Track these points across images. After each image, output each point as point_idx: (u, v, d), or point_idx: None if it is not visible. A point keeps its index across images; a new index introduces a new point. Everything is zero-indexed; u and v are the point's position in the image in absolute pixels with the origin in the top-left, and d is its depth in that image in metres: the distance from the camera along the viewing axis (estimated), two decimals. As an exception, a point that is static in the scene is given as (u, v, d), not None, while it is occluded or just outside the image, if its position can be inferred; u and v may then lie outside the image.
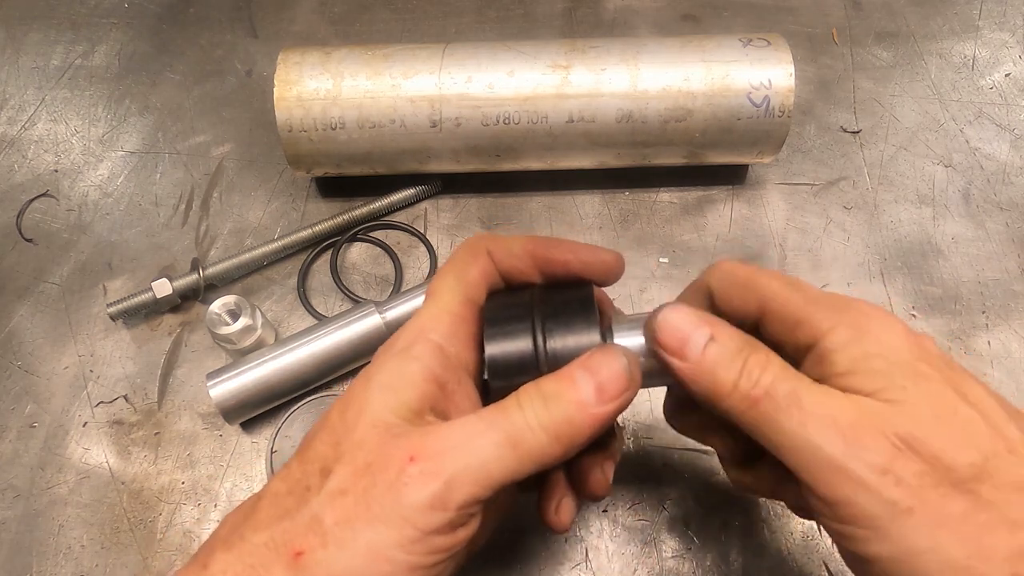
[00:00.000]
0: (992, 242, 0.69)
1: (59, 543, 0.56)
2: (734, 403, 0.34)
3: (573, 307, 0.39)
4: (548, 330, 0.38)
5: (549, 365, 0.37)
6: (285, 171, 0.74)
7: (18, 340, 0.65)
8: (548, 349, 0.37)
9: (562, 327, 0.38)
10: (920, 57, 0.82)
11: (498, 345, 0.38)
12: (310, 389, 0.60)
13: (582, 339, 0.37)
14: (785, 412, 0.33)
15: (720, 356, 0.35)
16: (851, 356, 0.33)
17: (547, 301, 0.40)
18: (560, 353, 0.37)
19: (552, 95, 0.63)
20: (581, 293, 0.40)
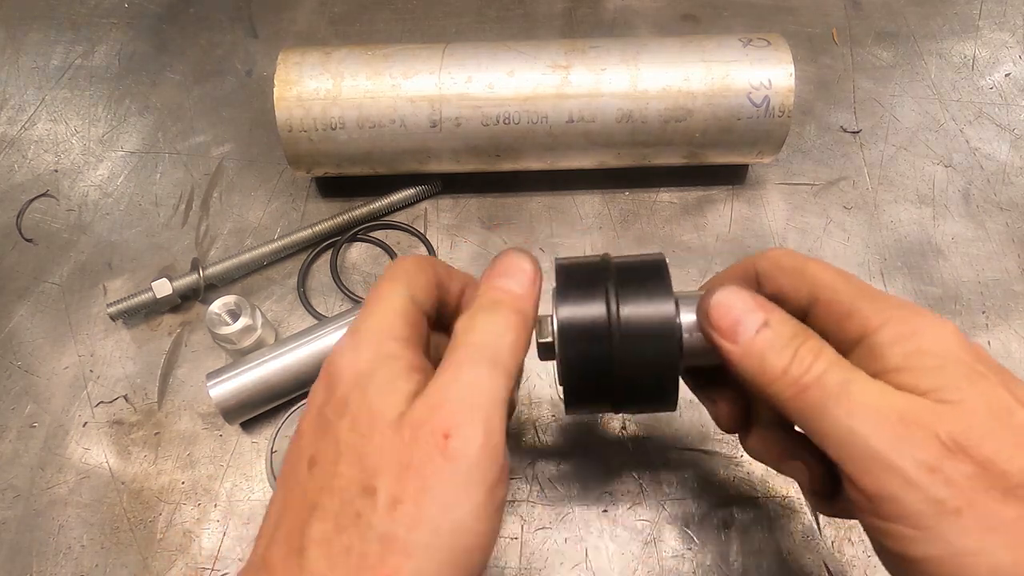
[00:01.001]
0: (992, 242, 0.69)
1: (59, 543, 0.56)
2: (781, 388, 0.34)
3: (647, 274, 0.39)
4: (622, 296, 0.38)
5: (622, 332, 0.37)
6: (285, 171, 0.74)
7: (18, 340, 0.65)
8: (621, 316, 0.37)
9: (635, 294, 0.38)
10: (920, 57, 0.82)
11: (569, 309, 0.38)
12: (310, 389, 0.60)
13: (658, 307, 0.38)
14: (834, 400, 0.32)
15: (772, 341, 0.34)
16: (904, 352, 0.33)
17: (620, 269, 0.40)
18: (632, 320, 0.37)
19: (552, 95, 0.63)
20: (655, 260, 0.40)
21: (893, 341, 0.33)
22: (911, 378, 0.32)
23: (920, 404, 0.31)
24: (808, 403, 0.33)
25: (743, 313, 0.35)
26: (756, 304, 0.36)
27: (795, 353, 0.34)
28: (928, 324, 0.33)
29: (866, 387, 0.32)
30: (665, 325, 0.38)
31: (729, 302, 0.36)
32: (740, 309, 0.36)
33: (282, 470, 0.36)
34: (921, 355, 0.32)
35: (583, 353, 0.38)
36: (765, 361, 0.34)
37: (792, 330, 0.35)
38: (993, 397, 0.31)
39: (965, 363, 0.32)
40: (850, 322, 0.35)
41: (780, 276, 0.39)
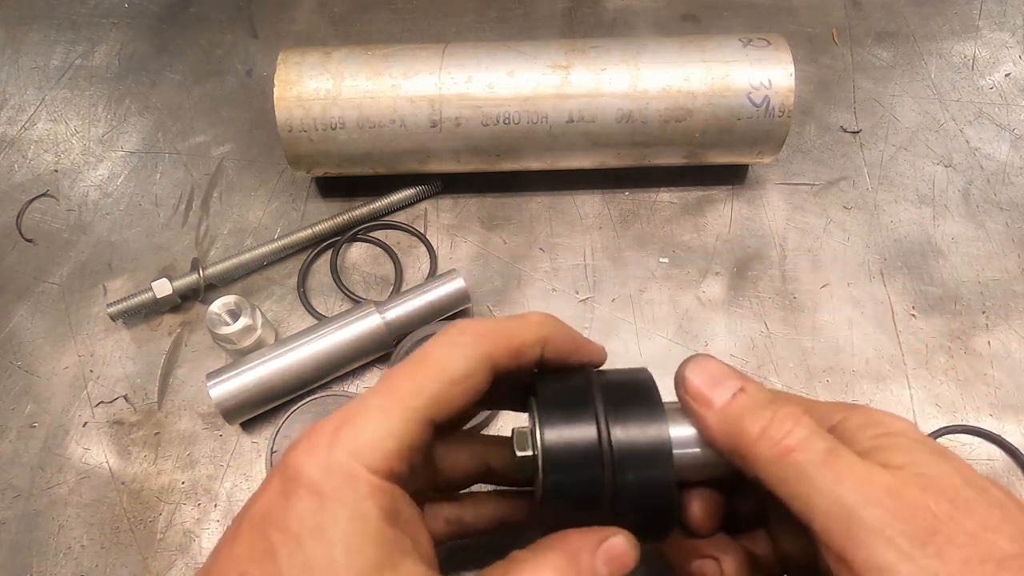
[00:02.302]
0: (992, 242, 0.69)
1: (59, 543, 0.56)
2: (763, 450, 0.33)
3: (637, 395, 0.36)
4: (611, 418, 0.35)
5: (615, 459, 0.34)
6: (285, 171, 0.74)
7: (18, 340, 0.65)
8: (613, 439, 0.34)
9: (625, 416, 0.35)
10: (920, 57, 0.82)
11: (556, 431, 0.34)
12: (310, 389, 0.60)
13: (650, 431, 0.35)
14: (820, 467, 0.32)
15: (750, 404, 0.34)
16: (873, 434, 0.33)
17: (607, 387, 0.36)
18: (625, 444, 0.34)
19: (552, 95, 0.63)
20: (642, 377, 0.37)
21: (860, 427, 0.34)
22: (885, 456, 0.32)
23: (906, 478, 0.31)
24: (791, 468, 0.32)
25: (719, 379, 0.35)
26: (732, 372, 0.36)
27: (773, 416, 0.33)
28: (886, 415, 0.34)
29: (852, 458, 0.32)
30: (662, 451, 0.35)
31: (706, 369, 0.36)
32: (716, 375, 0.36)
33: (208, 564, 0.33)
34: (890, 435, 0.33)
35: (571, 480, 0.34)
36: (743, 423, 0.34)
37: (767, 395, 0.35)
38: (966, 472, 0.32)
39: (929, 443, 0.33)
40: (815, 418, 0.35)
41: None
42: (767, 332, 0.64)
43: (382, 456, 0.32)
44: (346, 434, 0.32)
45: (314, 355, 0.59)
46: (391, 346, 0.61)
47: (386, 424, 0.32)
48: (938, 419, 0.60)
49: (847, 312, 0.65)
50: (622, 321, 0.65)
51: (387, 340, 0.61)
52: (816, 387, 0.61)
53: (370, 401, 0.33)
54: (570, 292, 0.67)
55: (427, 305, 0.62)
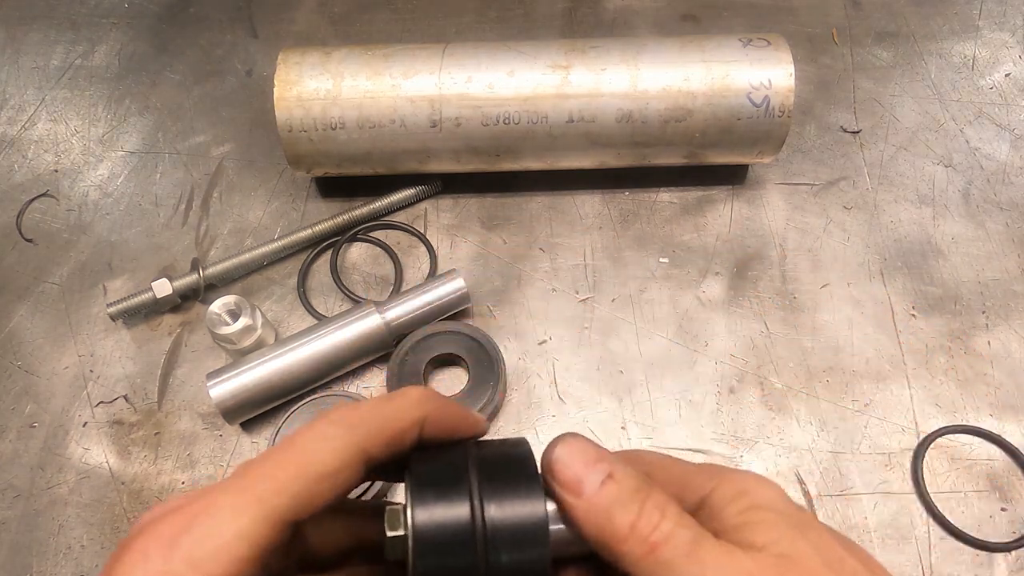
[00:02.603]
0: (992, 242, 0.69)
1: (59, 543, 0.56)
2: (631, 547, 0.32)
3: (514, 469, 0.35)
4: (486, 495, 0.33)
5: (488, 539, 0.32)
6: (285, 171, 0.74)
7: (18, 340, 0.65)
8: (487, 518, 0.33)
9: (501, 492, 0.33)
10: (920, 57, 0.82)
11: (427, 511, 0.32)
12: (310, 389, 0.60)
13: (525, 508, 0.33)
14: (684, 561, 0.32)
15: (618, 495, 0.33)
16: (740, 509, 0.33)
17: (483, 461, 0.35)
18: (499, 523, 0.33)
19: (552, 95, 0.63)
20: (520, 451, 0.36)
21: (729, 500, 0.34)
22: (749, 534, 0.32)
23: (764, 562, 0.32)
24: (659, 564, 0.32)
25: (586, 465, 0.34)
26: (599, 455, 0.34)
27: (641, 508, 0.33)
28: (755, 482, 0.34)
29: (714, 547, 0.32)
30: (537, 530, 0.33)
31: (572, 455, 0.35)
32: (583, 461, 0.34)
33: None
34: (754, 510, 0.33)
35: (441, 564, 0.33)
36: (612, 517, 0.33)
37: (636, 483, 0.34)
38: (824, 547, 0.33)
39: (793, 516, 0.33)
40: (687, 492, 0.35)
41: None
42: (767, 332, 0.64)
43: (231, 563, 0.28)
44: (187, 540, 0.28)
45: (314, 355, 0.59)
46: (391, 346, 0.61)
47: (237, 526, 0.28)
48: (938, 419, 0.60)
49: (847, 312, 0.65)
50: (622, 321, 0.65)
51: (387, 340, 0.61)
52: (816, 387, 0.61)
53: (219, 499, 0.29)
54: (570, 292, 0.67)
55: (427, 305, 0.62)
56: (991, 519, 0.56)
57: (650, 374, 0.62)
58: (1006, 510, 0.56)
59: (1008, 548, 0.54)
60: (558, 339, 0.64)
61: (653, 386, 0.62)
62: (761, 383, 0.62)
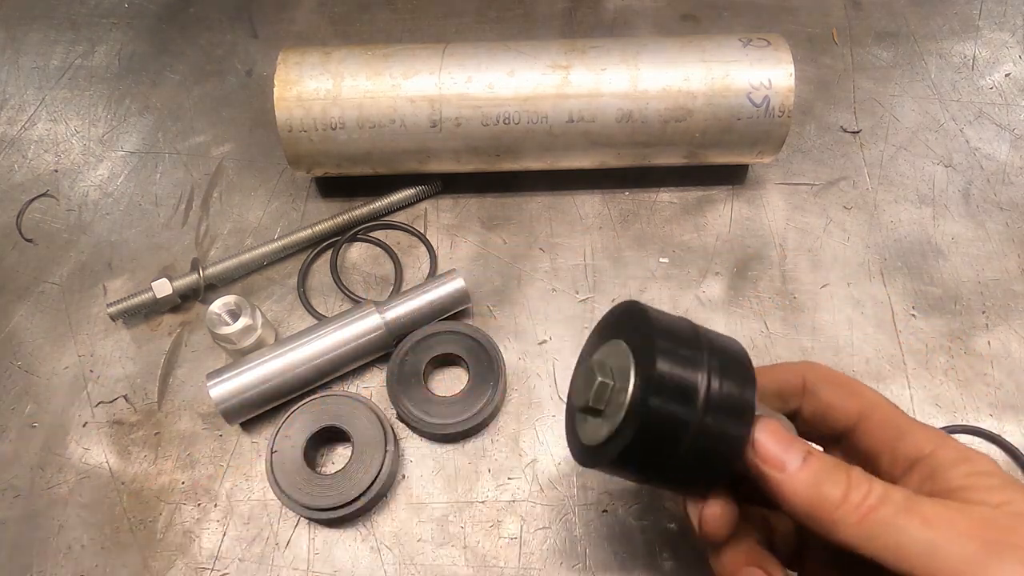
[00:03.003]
0: (992, 242, 0.69)
1: (59, 543, 0.56)
2: (845, 513, 0.34)
3: (739, 363, 0.38)
4: (717, 374, 0.36)
5: (712, 408, 0.36)
6: (285, 171, 0.74)
7: (18, 340, 0.65)
8: (712, 392, 0.36)
9: (730, 379, 0.37)
10: (920, 57, 0.82)
11: (668, 364, 0.36)
12: (310, 389, 0.60)
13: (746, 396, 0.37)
14: (906, 517, 0.32)
15: (823, 468, 0.35)
16: (965, 472, 0.34)
17: (714, 347, 0.38)
18: (722, 401, 0.36)
19: (552, 95, 0.63)
20: (743, 352, 0.40)
21: (953, 462, 0.34)
22: (979, 495, 0.33)
23: (994, 516, 0.32)
24: (877, 525, 0.33)
25: (787, 444, 0.36)
26: (796, 438, 0.37)
27: (849, 479, 0.34)
28: (976, 453, 0.35)
29: (934, 504, 0.33)
30: (745, 418, 0.37)
31: (774, 432, 0.37)
32: (784, 440, 0.36)
33: None
34: (982, 475, 0.34)
35: (665, 415, 0.35)
36: (822, 490, 0.34)
37: (835, 459, 0.36)
38: None
39: (1017, 485, 0.34)
40: (904, 443, 0.36)
41: (829, 389, 0.40)
42: (767, 332, 0.64)
43: None
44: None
45: (314, 355, 0.59)
46: (391, 346, 0.61)
47: None
48: (938, 419, 0.60)
49: (847, 312, 0.65)
50: (622, 321, 0.65)
51: (387, 340, 0.61)
52: (816, 387, 0.61)
53: None
54: (570, 292, 0.67)
55: (427, 305, 0.62)
56: (991, 519, 0.56)
57: (650, 374, 0.62)
58: (1006, 510, 0.56)
59: (1008, 548, 0.54)
60: (558, 339, 0.64)
61: (653, 386, 0.62)
62: None
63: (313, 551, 0.56)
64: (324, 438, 0.59)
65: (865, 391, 0.39)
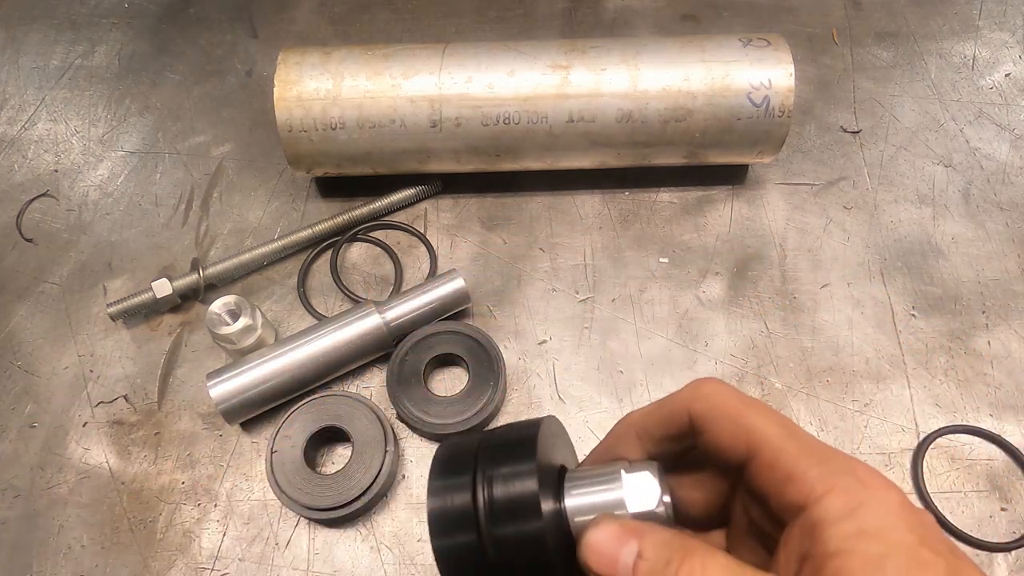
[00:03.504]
0: (992, 242, 0.69)
1: (59, 543, 0.56)
2: None
3: (514, 447, 0.36)
4: (489, 478, 0.35)
5: (490, 519, 0.34)
6: (285, 171, 0.74)
7: (18, 340, 0.65)
8: (489, 499, 0.35)
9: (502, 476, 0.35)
10: (920, 57, 0.82)
11: (438, 499, 0.35)
12: (310, 389, 0.60)
13: (521, 485, 0.34)
14: None
15: (649, 570, 0.32)
16: (844, 533, 0.30)
17: (491, 443, 0.37)
18: (499, 503, 0.34)
19: (552, 95, 0.63)
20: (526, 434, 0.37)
21: (835, 518, 0.30)
22: (850, 565, 0.29)
23: None
24: None
25: (616, 551, 0.33)
26: (626, 533, 0.33)
27: None
28: (872, 496, 0.31)
29: None
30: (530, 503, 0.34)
31: (599, 543, 0.34)
32: (612, 547, 0.33)
33: None
34: (862, 538, 0.29)
35: (453, 546, 0.35)
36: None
37: (667, 554, 0.32)
38: None
39: (908, 549, 0.29)
40: (791, 487, 0.32)
41: (717, 423, 0.36)
42: (767, 332, 0.64)
43: None
44: None
45: (314, 355, 0.59)
46: (391, 346, 0.61)
47: None
48: (938, 419, 0.60)
49: (847, 312, 0.65)
50: (622, 321, 0.65)
51: (387, 340, 0.61)
52: (816, 387, 0.61)
53: None
54: (570, 292, 0.67)
55: (427, 305, 0.62)
56: (991, 519, 0.56)
57: (650, 374, 0.62)
58: (1006, 510, 0.56)
59: (1008, 548, 0.54)
60: (558, 339, 0.64)
61: (653, 386, 0.62)
62: (761, 383, 0.62)
63: (313, 551, 0.56)
64: (324, 438, 0.59)
65: (758, 423, 0.34)
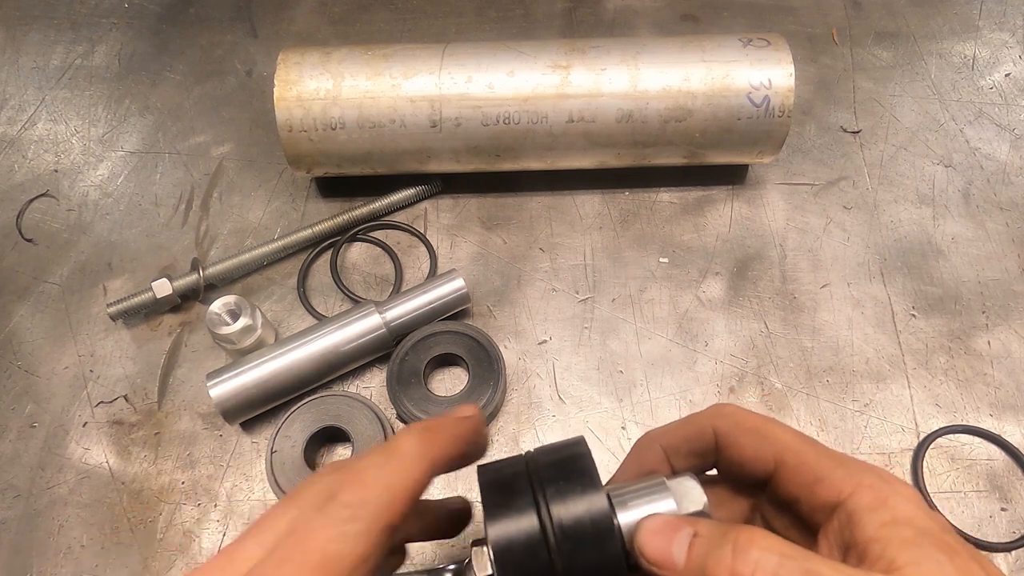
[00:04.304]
0: (992, 242, 0.69)
1: (59, 543, 0.56)
2: None
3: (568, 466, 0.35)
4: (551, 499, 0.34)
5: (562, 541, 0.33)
6: (285, 171, 0.74)
7: (18, 340, 0.65)
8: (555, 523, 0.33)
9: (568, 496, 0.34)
10: (920, 57, 0.82)
11: (501, 527, 0.34)
12: (310, 389, 0.60)
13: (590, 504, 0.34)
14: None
15: (707, 547, 0.32)
16: (879, 521, 0.31)
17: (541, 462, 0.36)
18: (570, 525, 0.33)
19: (552, 95, 0.63)
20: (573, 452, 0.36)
21: (868, 508, 0.32)
22: (890, 549, 0.30)
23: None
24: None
25: (671, 535, 0.33)
26: (680, 521, 0.34)
27: (734, 548, 0.31)
28: (895, 491, 0.32)
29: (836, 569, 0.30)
30: (605, 526, 0.34)
31: (656, 526, 0.34)
32: (667, 531, 0.33)
33: None
34: (896, 524, 0.31)
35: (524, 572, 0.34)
36: (706, 569, 0.31)
37: (723, 529, 0.32)
38: (968, 573, 0.30)
39: (935, 535, 0.31)
40: (821, 488, 0.34)
41: (741, 438, 0.37)
42: (767, 332, 0.64)
43: None
44: None
45: (314, 355, 0.59)
46: (391, 346, 0.61)
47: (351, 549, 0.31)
48: (938, 419, 0.60)
49: (847, 312, 0.65)
50: (622, 321, 0.65)
51: (387, 340, 0.61)
52: (816, 387, 0.61)
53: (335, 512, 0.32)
54: (570, 292, 0.67)
55: (427, 305, 0.62)
56: (991, 519, 0.56)
57: (650, 374, 0.62)
58: (1006, 510, 0.56)
59: (1008, 548, 0.54)
60: (558, 339, 0.64)
61: (653, 386, 0.62)
62: (761, 383, 0.62)
63: (313, 551, 0.56)
64: (324, 438, 0.59)
65: (780, 434, 0.36)
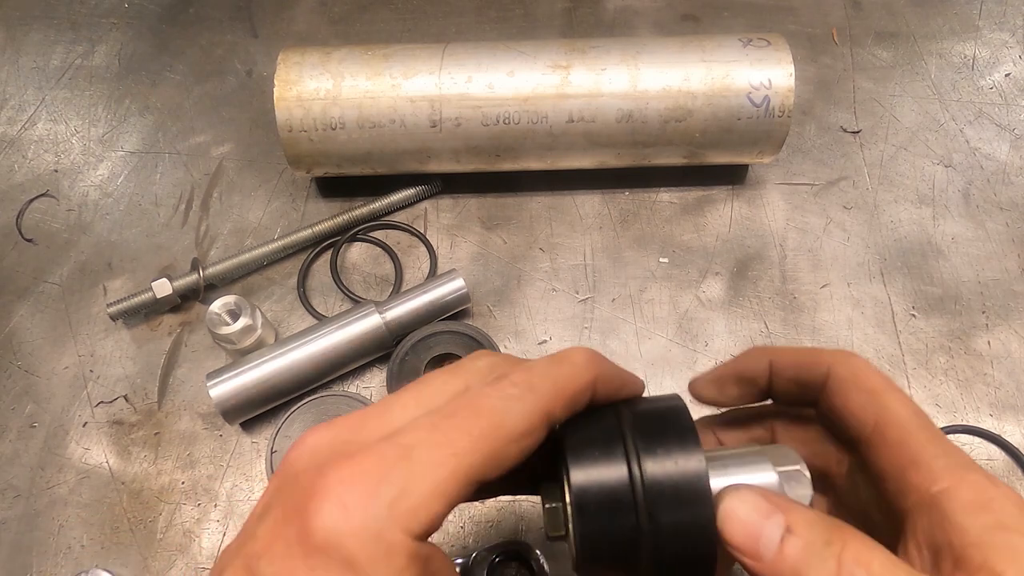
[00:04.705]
0: (992, 242, 0.69)
1: (59, 543, 0.56)
2: None
3: (668, 424, 0.33)
4: (642, 453, 0.31)
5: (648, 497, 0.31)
6: (285, 171, 0.74)
7: (18, 340, 0.65)
8: (645, 477, 0.31)
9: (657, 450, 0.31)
10: (920, 57, 0.82)
11: (586, 474, 0.31)
12: (310, 389, 0.61)
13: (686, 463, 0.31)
14: None
15: (804, 553, 0.29)
16: (983, 524, 0.29)
17: (636, 418, 0.33)
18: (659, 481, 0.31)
19: (552, 95, 0.63)
20: (671, 406, 0.34)
21: (970, 509, 0.29)
22: (995, 557, 0.28)
23: None
24: None
25: (759, 522, 0.30)
26: (772, 506, 0.31)
27: (839, 566, 0.28)
28: (1000, 493, 0.30)
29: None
30: (700, 484, 0.31)
31: (742, 512, 0.31)
32: (755, 517, 0.30)
33: None
34: (1002, 530, 0.28)
35: (604, 526, 0.31)
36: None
37: (824, 534, 0.29)
38: None
39: None
40: (914, 471, 0.31)
41: (853, 393, 0.35)
42: (767, 332, 0.64)
43: (428, 520, 0.27)
44: (391, 496, 0.27)
45: (314, 355, 0.59)
46: (391, 346, 0.61)
47: (435, 481, 0.28)
48: (938, 419, 0.60)
49: (847, 312, 0.65)
50: (622, 321, 0.65)
51: (387, 340, 0.61)
52: (816, 387, 0.61)
53: (419, 454, 0.28)
54: (570, 292, 0.67)
55: (427, 305, 0.62)
56: (991, 519, 0.56)
57: (650, 374, 0.62)
58: (1006, 510, 0.56)
59: (1008, 548, 0.54)
60: (558, 339, 0.64)
61: (653, 386, 0.62)
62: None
63: (313, 551, 0.56)
64: (324, 438, 0.59)
65: (891, 402, 0.33)
